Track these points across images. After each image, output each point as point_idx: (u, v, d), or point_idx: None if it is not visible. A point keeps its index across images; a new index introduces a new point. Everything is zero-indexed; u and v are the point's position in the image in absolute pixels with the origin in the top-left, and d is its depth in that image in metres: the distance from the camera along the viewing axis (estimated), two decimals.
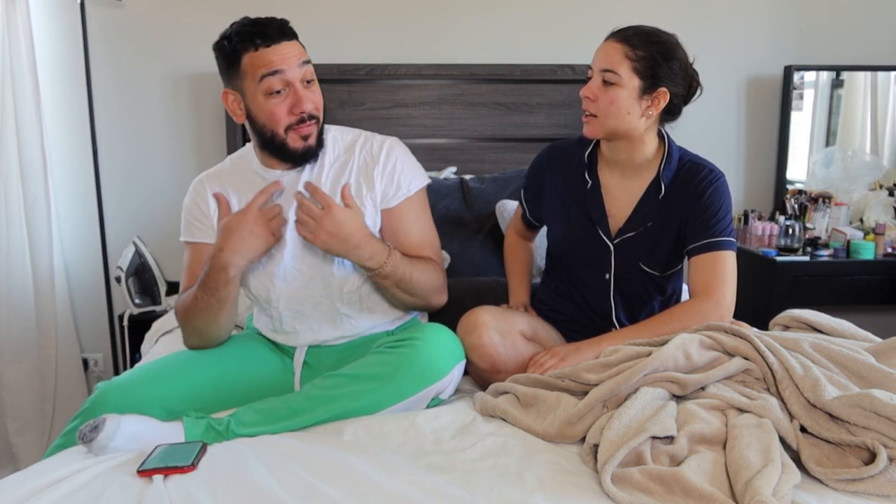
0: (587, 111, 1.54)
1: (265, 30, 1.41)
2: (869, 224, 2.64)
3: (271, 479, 1.08)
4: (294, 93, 1.43)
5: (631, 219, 1.59)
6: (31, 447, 2.55)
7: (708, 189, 1.55)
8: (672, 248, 1.59)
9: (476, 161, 2.60)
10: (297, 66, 1.42)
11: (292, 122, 1.44)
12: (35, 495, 1.05)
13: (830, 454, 1.12)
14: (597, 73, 1.53)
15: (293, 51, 1.43)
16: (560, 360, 1.46)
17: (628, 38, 1.52)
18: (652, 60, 1.50)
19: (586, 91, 1.53)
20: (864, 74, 2.79)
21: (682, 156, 1.61)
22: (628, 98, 1.50)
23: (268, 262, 1.53)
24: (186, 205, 1.60)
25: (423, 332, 1.42)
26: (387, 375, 1.34)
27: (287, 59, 1.41)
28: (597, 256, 1.62)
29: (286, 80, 1.42)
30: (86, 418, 1.31)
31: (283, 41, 1.42)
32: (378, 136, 1.60)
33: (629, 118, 1.52)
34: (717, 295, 1.51)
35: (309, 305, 1.56)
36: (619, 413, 1.18)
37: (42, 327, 2.55)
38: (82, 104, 2.53)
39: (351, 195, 1.46)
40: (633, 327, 1.53)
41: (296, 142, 1.46)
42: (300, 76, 1.43)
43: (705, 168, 1.58)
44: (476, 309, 1.53)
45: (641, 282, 1.62)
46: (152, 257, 2.48)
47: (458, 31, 2.68)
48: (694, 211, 1.55)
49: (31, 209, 2.50)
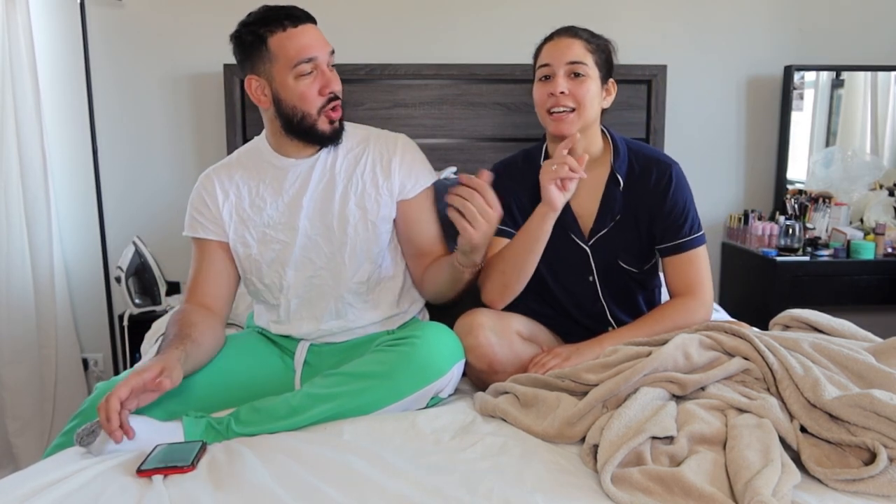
0: (564, 107, 1.52)
1: (293, 11, 1.46)
2: (869, 224, 2.64)
3: (271, 479, 1.08)
4: (322, 74, 1.47)
5: (599, 216, 1.60)
6: (31, 447, 2.55)
7: (669, 188, 1.57)
8: (644, 243, 1.61)
9: (476, 161, 2.59)
10: (325, 49, 1.47)
11: (322, 102, 1.48)
12: (35, 495, 1.04)
13: (830, 454, 1.12)
14: (561, 67, 1.53)
15: (321, 35, 1.49)
16: (562, 360, 1.47)
17: (579, 32, 1.57)
18: (604, 53, 1.57)
19: (559, 87, 1.51)
20: (864, 74, 2.78)
21: (629, 146, 1.63)
22: (596, 89, 1.55)
23: (282, 250, 1.54)
24: (192, 199, 1.60)
25: (423, 331, 1.42)
26: (386, 374, 1.35)
27: (317, 42, 1.46)
28: (576, 261, 1.62)
29: (316, 63, 1.46)
30: (85, 418, 1.31)
31: (310, 23, 1.47)
32: (390, 134, 1.63)
33: (597, 109, 1.57)
34: (700, 294, 1.57)
35: (316, 294, 1.57)
36: (619, 413, 1.18)
37: (42, 327, 2.55)
38: (82, 104, 2.53)
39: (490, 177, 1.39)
40: (629, 327, 1.55)
41: (324, 125, 1.50)
42: (327, 60, 1.48)
43: (660, 162, 1.60)
44: (473, 310, 1.54)
45: (624, 280, 1.63)
46: (152, 257, 2.48)
47: (458, 31, 2.68)
48: (661, 213, 1.57)
49: (31, 209, 2.50)
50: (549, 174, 1.45)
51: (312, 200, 1.54)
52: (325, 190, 1.54)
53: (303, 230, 1.54)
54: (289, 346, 1.61)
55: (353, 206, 1.54)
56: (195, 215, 1.58)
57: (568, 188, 1.46)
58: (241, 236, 1.56)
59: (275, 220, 1.55)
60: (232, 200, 1.56)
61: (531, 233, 1.51)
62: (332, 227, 1.54)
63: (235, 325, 2.04)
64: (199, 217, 1.57)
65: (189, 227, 1.59)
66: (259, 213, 1.55)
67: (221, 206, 1.56)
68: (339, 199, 1.54)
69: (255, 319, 1.71)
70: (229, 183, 1.57)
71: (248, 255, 1.56)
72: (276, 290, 1.58)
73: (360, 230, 1.54)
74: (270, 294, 1.60)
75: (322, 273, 1.56)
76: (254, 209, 1.55)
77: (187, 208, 1.60)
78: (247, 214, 1.56)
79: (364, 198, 1.54)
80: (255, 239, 1.55)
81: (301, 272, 1.56)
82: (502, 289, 1.56)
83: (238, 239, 1.56)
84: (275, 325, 1.63)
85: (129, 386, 1.18)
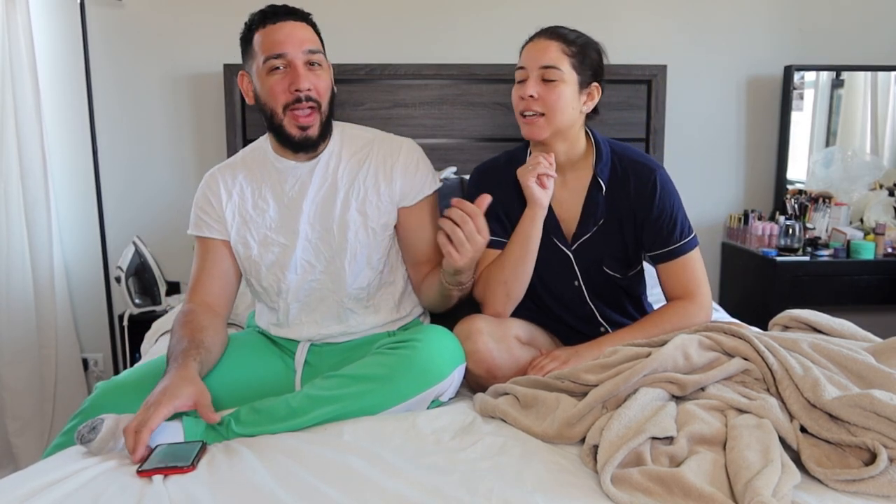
0: (532, 111, 1.51)
1: (277, 9, 1.45)
2: (869, 224, 2.64)
3: (271, 479, 1.08)
4: (293, 71, 1.43)
5: (582, 221, 1.58)
6: (31, 447, 2.55)
7: (655, 193, 1.54)
8: (630, 250, 1.60)
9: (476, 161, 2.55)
10: (300, 47, 1.43)
11: (289, 100, 1.44)
12: (35, 495, 1.04)
13: (830, 454, 1.12)
14: (534, 70, 1.50)
15: (299, 33, 1.44)
16: (561, 363, 1.47)
17: (559, 34, 1.52)
18: (586, 56, 1.51)
19: (529, 91, 1.50)
20: (864, 74, 2.79)
21: (613, 150, 1.60)
22: (571, 94, 1.50)
23: (281, 253, 1.54)
24: (196, 198, 1.60)
25: (424, 334, 1.42)
26: (387, 377, 1.34)
27: (291, 38, 1.42)
28: (561, 265, 1.61)
29: (287, 60, 1.43)
30: (85, 417, 1.31)
31: (290, 20, 1.45)
32: (396, 138, 1.60)
33: (572, 114, 1.52)
34: (699, 298, 1.56)
35: (316, 298, 1.57)
36: (619, 414, 1.18)
37: (42, 327, 2.55)
38: (82, 104, 2.53)
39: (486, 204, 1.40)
40: (628, 330, 1.55)
41: (292, 128, 1.45)
42: (303, 58, 1.43)
43: (644, 166, 1.57)
44: (471, 316, 1.53)
45: (609, 286, 1.63)
46: (152, 257, 2.48)
47: (458, 31, 2.68)
48: (648, 219, 1.55)
49: (31, 209, 2.50)
50: (527, 172, 1.49)
51: (313, 204, 1.53)
52: (327, 194, 1.53)
53: (303, 234, 1.53)
54: (289, 346, 1.61)
55: (355, 212, 1.53)
56: (199, 214, 1.58)
57: (547, 185, 1.50)
58: (243, 237, 1.56)
59: (276, 223, 1.54)
60: (235, 201, 1.56)
61: (524, 235, 1.52)
62: (333, 233, 1.53)
63: (236, 325, 2.04)
64: (204, 216, 1.57)
65: (194, 226, 1.59)
66: (261, 215, 1.55)
67: (225, 206, 1.55)
68: (340, 204, 1.53)
69: (255, 319, 1.71)
70: (233, 182, 1.57)
71: (249, 257, 1.56)
72: (275, 293, 1.58)
73: (360, 236, 1.53)
74: (269, 297, 1.60)
75: (322, 278, 1.55)
76: (256, 210, 1.55)
77: (192, 207, 1.60)
78: (249, 215, 1.55)
79: (365, 204, 1.53)
80: (256, 241, 1.55)
81: (300, 276, 1.55)
82: (505, 299, 1.56)
83: (239, 239, 1.56)
84: (275, 327, 1.63)
85: (161, 417, 1.18)
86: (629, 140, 2.61)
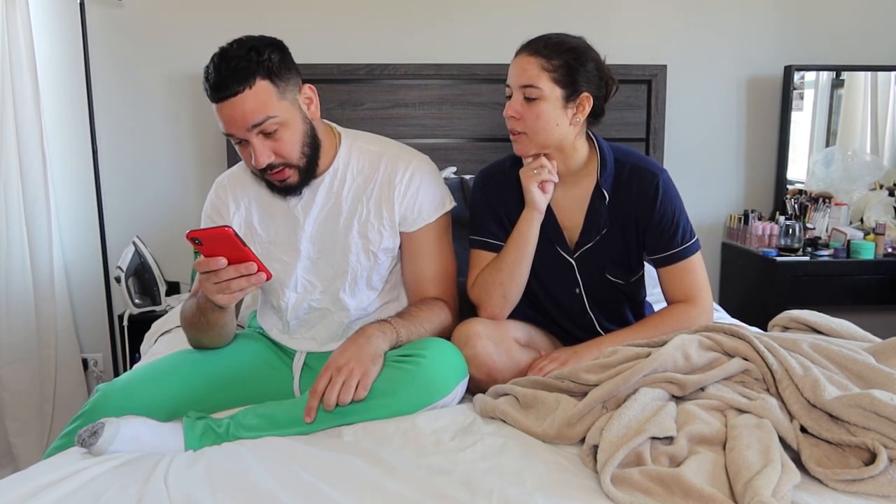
0: (514, 130, 1.50)
1: (218, 81, 1.34)
2: (869, 224, 2.64)
3: (271, 480, 1.08)
4: (251, 146, 1.37)
5: (585, 229, 1.58)
6: (30, 447, 2.55)
7: (658, 197, 1.53)
8: (633, 255, 1.60)
9: (476, 161, 2.60)
10: (245, 125, 1.35)
11: (257, 170, 1.42)
12: (35, 495, 1.04)
13: (830, 454, 1.12)
14: (516, 89, 1.48)
15: (242, 108, 1.33)
16: (560, 364, 1.46)
17: (540, 49, 1.47)
18: (569, 68, 1.46)
19: (510, 111, 1.48)
20: (864, 74, 2.79)
21: (617, 157, 1.58)
22: (553, 110, 1.46)
23: (282, 270, 1.53)
24: (206, 206, 1.61)
25: (428, 349, 1.39)
26: (390, 392, 1.33)
27: (233, 120, 1.35)
28: (563, 273, 1.61)
29: (239, 137, 1.38)
30: (86, 420, 1.31)
31: (230, 97, 1.33)
32: (405, 156, 1.55)
33: (558, 129, 1.48)
34: (700, 301, 1.56)
35: (316, 317, 1.57)
36: (619, 414, 1.18)
37: (42, 328, 2.55)
38: (82, 104, 2.53)
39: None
40: (628, 330, 1.54)
41: (272, 181, 1.45)
42: (254, 132, 1.36)
43: (647, 171, 1.55)
44: (469, 320, 1.53)
45: (611, 292, 1.62)
46: (152, 257, 2.48)
47: (458, 31, 2.68)
48: (651, 222, 1.54)
49: (31, 209, 2.50)
50: (531, 177, 1.50)
51: (316, 224, 1.52)
52: (329, 215, 1.52)
53: (304, 253, 1.52)
54: (290, 349, 1.61)
55: (356, 235, 1.51)
56: (208, 221, 1.59)
57: (547, 190, 1.52)
58: None
59: (278, 239, 1.54)
60: (242, 213, 1.56)
61: (521, 237, 1.53)
62: (334, 254, 1.52)
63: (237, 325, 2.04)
64: (211, 223, 1.58)
65: None
66: (266, 230, 1.54)
67: (232, 217, 1.55)
68: (342, 226, 1.51)
69: (257, 318, 1.71)
70: (242, 193, 1.56)
71: None
72: (275, 308, 1.58)
73: (361, 259, 1.52)
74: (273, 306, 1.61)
75: (321, 298, 1.55)
76: (262, 225, 1.55)
77: (202, 214, 1.62)
78: (254, 229, 1.55)
79: (367, 227, 1.51)
80: (259, 255, 1.54)
81: (300, 295, 1.54)
82: (502, 301, 1.56)
83: None
84: (279, 333, 1.63)
85: None
86: (629, 140, 2.61)
